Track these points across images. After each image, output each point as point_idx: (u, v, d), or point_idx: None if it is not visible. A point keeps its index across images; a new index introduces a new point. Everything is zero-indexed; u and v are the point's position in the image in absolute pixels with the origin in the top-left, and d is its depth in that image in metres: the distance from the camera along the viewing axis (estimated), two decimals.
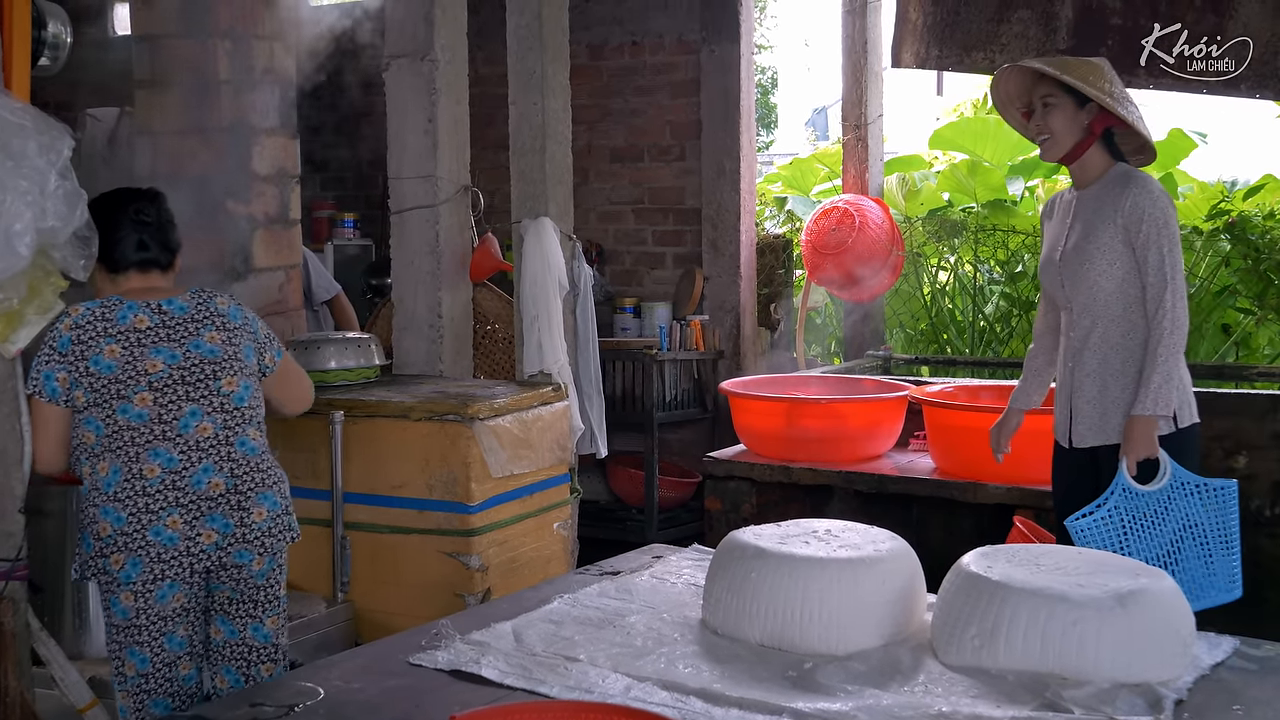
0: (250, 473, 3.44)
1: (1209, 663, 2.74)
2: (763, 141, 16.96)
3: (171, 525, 3.33)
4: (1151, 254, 3.97)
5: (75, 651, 3.91)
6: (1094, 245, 4.05)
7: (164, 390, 3.37)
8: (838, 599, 2.83)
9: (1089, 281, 4.07)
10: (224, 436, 3.41)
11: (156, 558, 3.32)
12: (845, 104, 7.55)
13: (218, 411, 3.41)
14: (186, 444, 3.37)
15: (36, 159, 3.23)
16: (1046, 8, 6.02)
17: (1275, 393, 5.57)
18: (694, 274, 7.55)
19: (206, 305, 3.50)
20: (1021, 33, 6.08)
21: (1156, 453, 3.96)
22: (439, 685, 2.69)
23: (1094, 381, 4.09)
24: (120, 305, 3.42)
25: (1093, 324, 4.10)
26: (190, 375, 3.40)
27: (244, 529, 3.41)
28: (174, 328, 3.43)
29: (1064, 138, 4.11)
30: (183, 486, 3.35)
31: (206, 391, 3.41)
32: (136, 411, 3.35)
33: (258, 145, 4.83)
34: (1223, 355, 7.19)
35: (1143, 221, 3.98)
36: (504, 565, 4.58)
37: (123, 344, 3.37)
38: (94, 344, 3.36)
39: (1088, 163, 4.14)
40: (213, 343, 3.45)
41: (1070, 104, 4.07)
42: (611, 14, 7.88)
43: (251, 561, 3.43)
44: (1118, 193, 4.04)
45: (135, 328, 3.40)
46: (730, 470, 5.59)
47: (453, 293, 5.32)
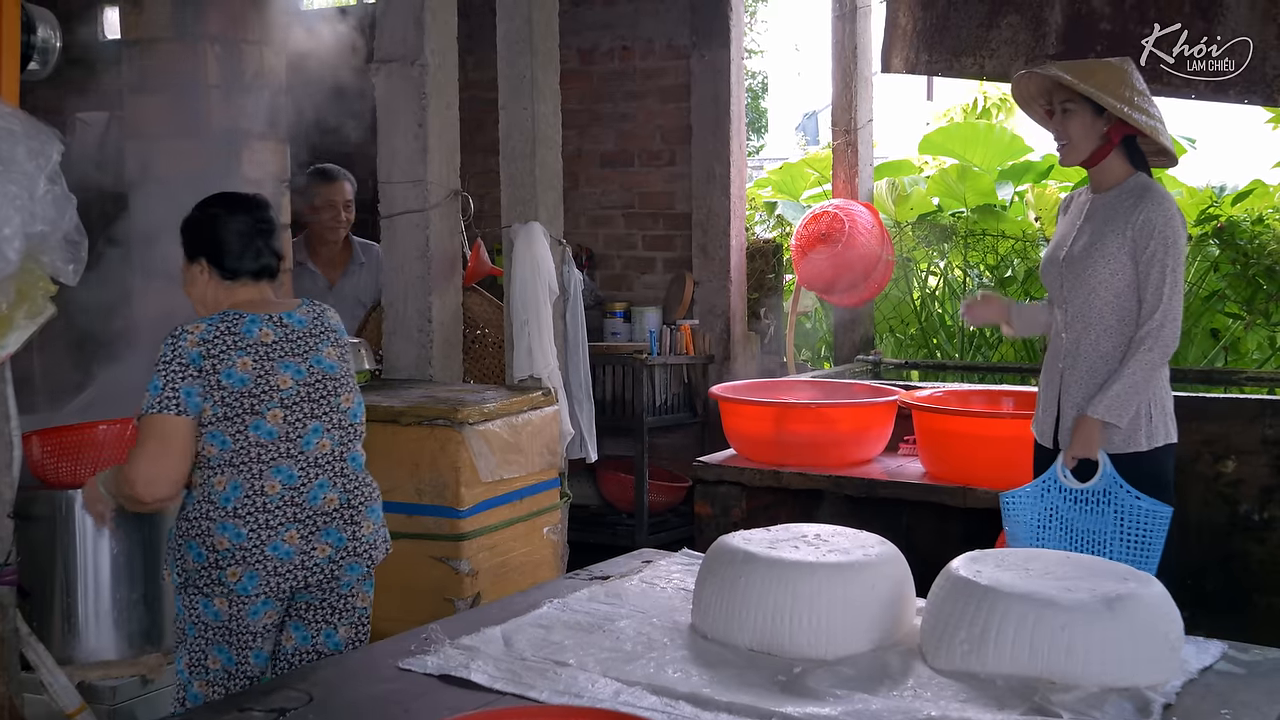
0: (359, 487, 3.45)
1: (1197, 667, 2.75)
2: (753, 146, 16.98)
3: (289, 540, 3.29)
4: (1154, 271, 3.97)
5: (64, 656, 3.90)
6: (1099, 252, 4.05)
7: (293, 407, 3.32)
8: (827, 603, 2.83)
9: (1088, 288, 4.07)
10: (339, 453, 3.40)
11: (273, 571, 3.28)
12: (835, 109, 7.55)
13: (336, 428, 3.40)
14: (307, 461, 3.33)
15: (26, 163, 3.23)
16: (1036, 13, 6.04)
17: (1264, 397, 5.58)
18: (684, 278, 7.55)
19: (322, 319, 3.47)
20: (1011, 38, 6.10)
21: (1095, 455, 3.99)
22: (428, 690, 2.69)
23: (1081, 389, 4.10)
24: (242, 319, 3.32)
25: (1085, 330, 4.10)
26: (314, 392, 3.37)
27: (355, 542, 3.41)
28: (296, 342, 3.37)
29: (1082, 144, 4.11)
30: (300, 503, 3.32)
31: (328, 408, 3.39)
32: (268, 429, 3.28)
33: (248, 150, 4.83)
34: (1211, 360, 7.20)
35: (1151, 238, 3.97)
36: (494, 570, 4.57)
37: (254, 357, 3.28)
38: (225, 357, 3.25)
39: (1106, 168, 4.13)
40: (330, 358, 3.43)
41: (1088, 111, 4.06)
42: (602, 19, 7.88)
43: (355, 575, 3.43)
44: (1132, 204, 4.03)
45: (262, 341, 3.31)
46: (720, 475, 5.59)
47: (442, 297, 5.32)
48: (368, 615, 3.55)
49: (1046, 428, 4.23)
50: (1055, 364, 4.20)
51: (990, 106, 9.71)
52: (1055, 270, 4.21)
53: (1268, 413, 5.21)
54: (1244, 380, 6.30)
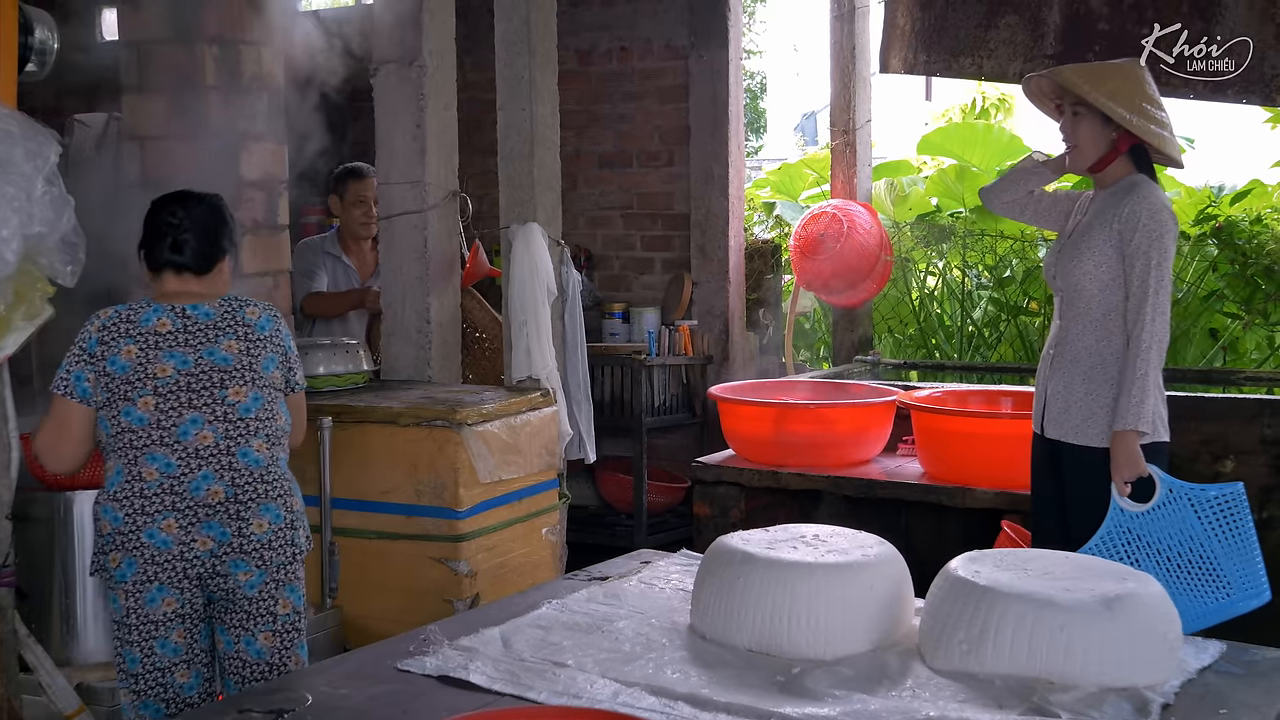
0: (252, 483, 3.42)
1: (1196, 667, 2.75)
2: (752, 146, 16.99)
3: (166, 529, 3.33)
4: (1139, 264, 3.97)
5: (62, 658, 3.91)
6: (1087, 245, 4.08)
7: (167, 396, 3.37)
8: (825, 604, 2.83)
9: (1074, 279, 4.11)
10: (225, 446, 3.40)
11: (150, 560, 3.33)
12: (834, 109, 7.56)
13: (220, 421, 3.40)
14: (185, 451, 3.36)
15: (23, 165, 3.24)
16: (1035, 13, 6.04)
17: (1262, 397, 5.58)
18: (683, 279, 7.55)
19: (234, 314, 3.50)
20: (1009, 38, 6.10)
21: (1143, 470, 3.93)
22: (427, 691, 2.68)
23: (1064, 377, 4.14)
24: (147, 308, 3.44)
25: (1072, 320, 4.14)
26: (196, 382, 3.40)
27: (241, 539, 3.39)
28: (193, 333, 3.43)
29: (1090, 151, 4.13)
30: (180, 492, 3.35)
31: (210, 400, 3.40)
32: (138, 415, 3.36)
33: (245, 151, 4.83)
34: (1210, 360, 7.21)
35: (1136, 231, 3.98)
36: (492, 571, 4.57)
37: (140, 345, 3.38)
38: (115, 344, 3.38)
39: (1110, 172, 4.16)
40: (228, 351, 3.44)
41: (1098, 118, 4.07)
42: (600, 20, 7.88)
43: (241, 572, 3.40)
44: (1120, 198, 4.06)
45: (156, 330, 3.41)
46: (719, 475, 5.58)
47: (441, 298, 5.32)
48: (292, 622, 3.51)
49: (1037, 414, 4.28)
50: (1047, 351, 4.27)
51: (989, 107, 9.72)
52: (1051, 260, 4.28)
53: (1266, 412, 5.20)
54: (1242, 380, 6.30)
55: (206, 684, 3.49)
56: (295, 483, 3.59)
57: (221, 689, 3.52)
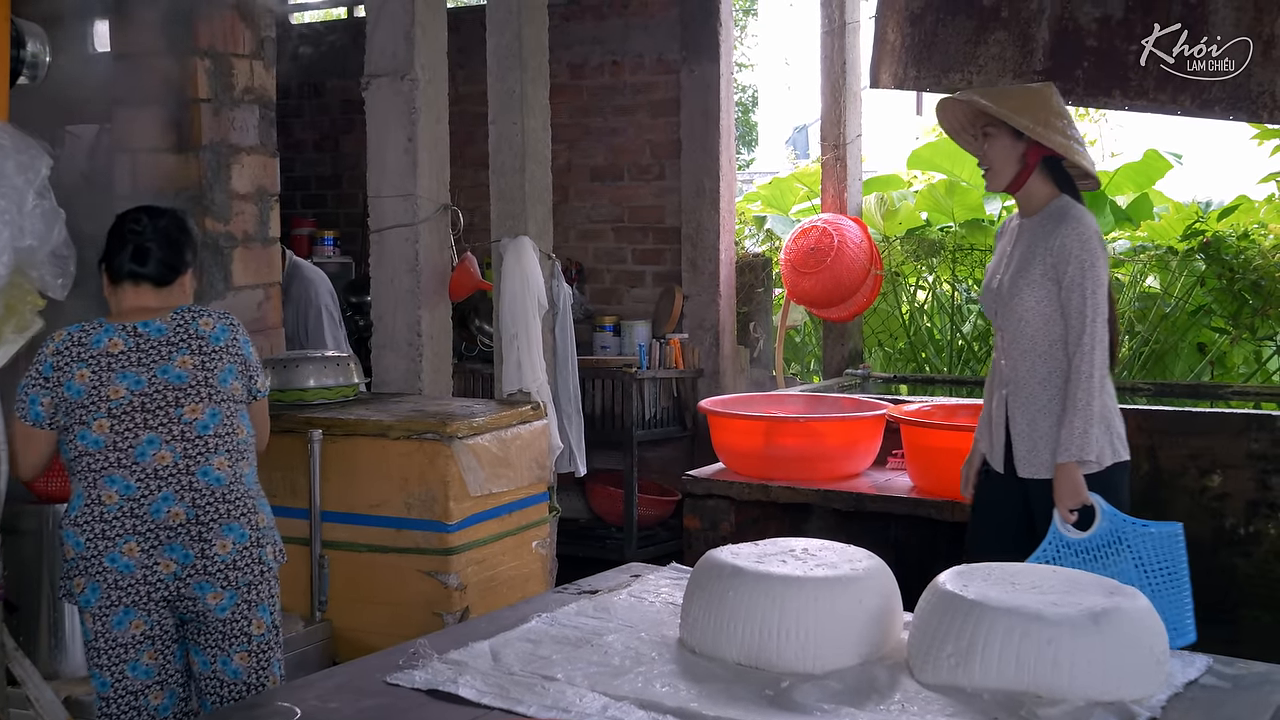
0: (214, 503, 3.36)
1: (1183, 680, 2.75)
2: (743, 160, 17.03)
3: (128, 552, 3.29)
4: (1075, 297, 3.98)
5: (51, 671, 3.90)
6: (1025, 280, 4.06)
7: (121, 417, 3.32)
8: (814, 618, 2.83)
9: (1017, 315, 4.09)
10: (184, 466, 3.34)
11: (114, 584, 3.29)
12: (824, 124, 7.58)
13: (177, 440, 3.34)
14: (144, 472, 3.32)
15: (14, 178, 3.24)
16: (1024, 30, 6.06)
17: (1249, 412, 5.60)
18: (673, 292, 7.56)
19: (187, 327, 3.43)
20: (999, 54, 6.12)
21: (1086, 499, 3.96)
22: (416, 705, 2.69)
23: (1024, 414, 4.11)
24: (99, 329, 3.39)
25: (1021, 356, 4.11)
26: (151, 402, 3.35)
27: (205, 560, 3.34)
28: (146, 351, 3.38)
29: (1003, 169, 4.12)
30: (140, 514, 3.30)
31: (166, 419, 3.35)
32: (94, 438, 3.31)
33: (237, 163, 4.84)
34: (1198, 374, 7.23)
35: (1069, 263, 3.98)
36: (482, 584, 4.57)
37: (93, 368, 3.34)
38: (69, 369, 3.34)
39: (1030, 192, 4.14)
40: (182, 368, 3.38)
41: (1007, 135, 4.08)
42: (592, 33, 7.90)
43: (209, 595, 3.35)
44: (1051, 229, 4.04)
45: (108, 352, 3.36)
46: (709, 489, 5.59)
47: (432, 311, 5.32)
48: (267, 642, 3.47)
49: (998, 454, 4.22)
50: (999, 390, 4.20)
51: None
52: (990, 297, 4.24)
53: (1253, 427, 5.22)
54: (1230, 394, 6.33)
55: (182, 703, 3.45)
56: (262, 498, 3.52)
57: (199, 708, 3.48)
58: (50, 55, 4.00)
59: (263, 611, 3.45)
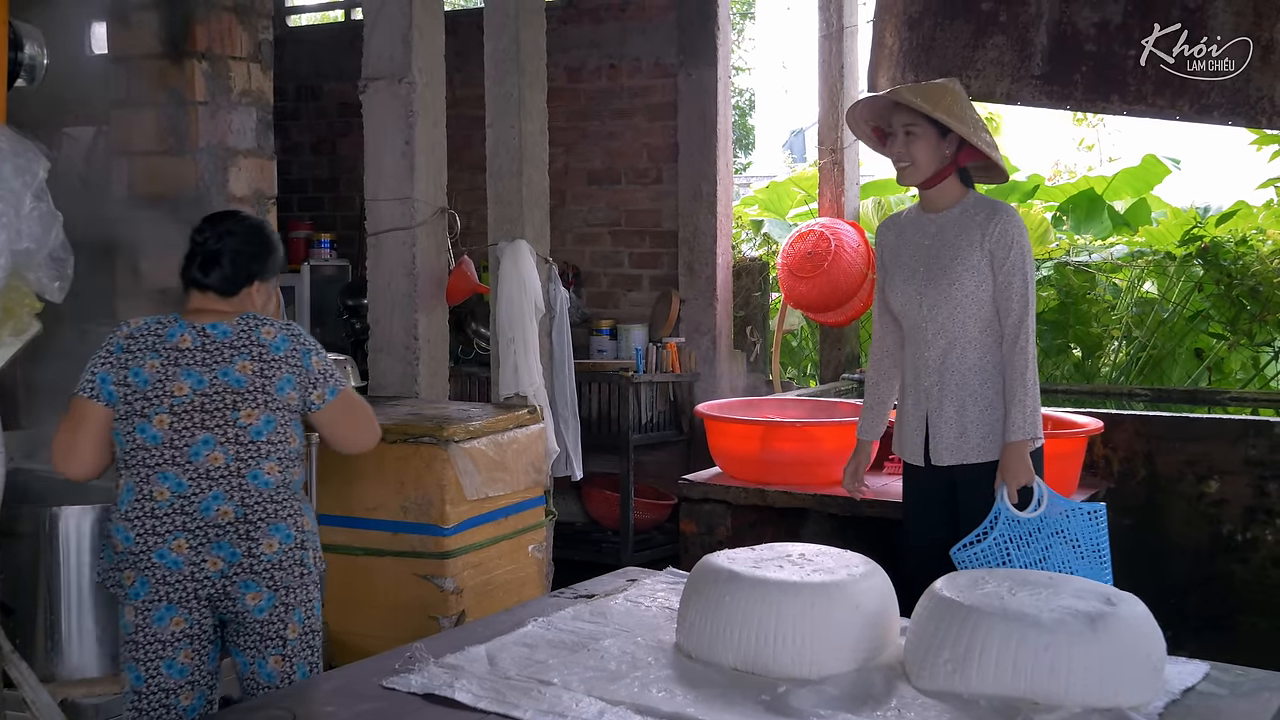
0: (262, 504, 3.38)
1: (1180, 687, 2.75)
2: (740, 163, 17.03)
3: (177, 549, 3.31)
4: (1016, 281, 4.08)
5: (47, 674, 3.88)
6: (962, 267, 4.12)
7: (181, 415, 3.34)
8: (811, 623, 2.83)
9: (953, 302, 4.14)
10: (235, 468, 3.36)
11: (161, 580, 3.31)
12: (821, 128, 7.59)
13: (231, 443, 3.36)
14: (196, 471, 3.33)
15: (12, 181, 3.24)
16: (1022, 34, 6.07)
17: (1247, 418, 5.61)
18: (670, 296, 7.56)
19: (250, 333, 3.44)
20: (997, 58, 6.12)
21: (1034, 479, 4.06)
22: (412, 709, 2.68)
23: (952, 402, 4.16)
24: (173, 323, 3.42)
25: (949, 345, 4.17)
26: (210, 403, 3.36)
27: (251, 559, 3.36)
28: (211, 352, 3.40)
29: (926, 166, 4.18)
30: (190, 512, 3.32)
31: (222, 421, 3.36)
32: (152, 433, 3.33)
33: (234, 166, 4.84)
34: (1195, 380, 7.24)
35: (1010, 249, 4.08)
36: (478, 588, 4.57)
37: (163, 360, 3.36)
38: (140, 356, 3.36)
39: (946, 187, 4.21)
40: (242, 372, 3.40)
41: (934, 134, 4.14)
42: (589, 37, 7.91)
43: (249, 595, 3.37)
44: (984, 219, 4.13)
45: (178, 346, 3.38)
46: (705, 493, 5.58)
47: (429, 315, 5.32)
48: (302, 645, 3.49)
49: (916, 447, 4.28)
50: (919, 383, 4.25)
51: None
52: (912, 291, 4.24)
53: (1251, 433, 5.23)
54: (1227, 400, 6.33)
55: (209, 706, 3.45)
56: (307, 503, 3.55)
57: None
58: (48, 58, 3.99)
59: (298, 616, 3.46)
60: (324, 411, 3.53)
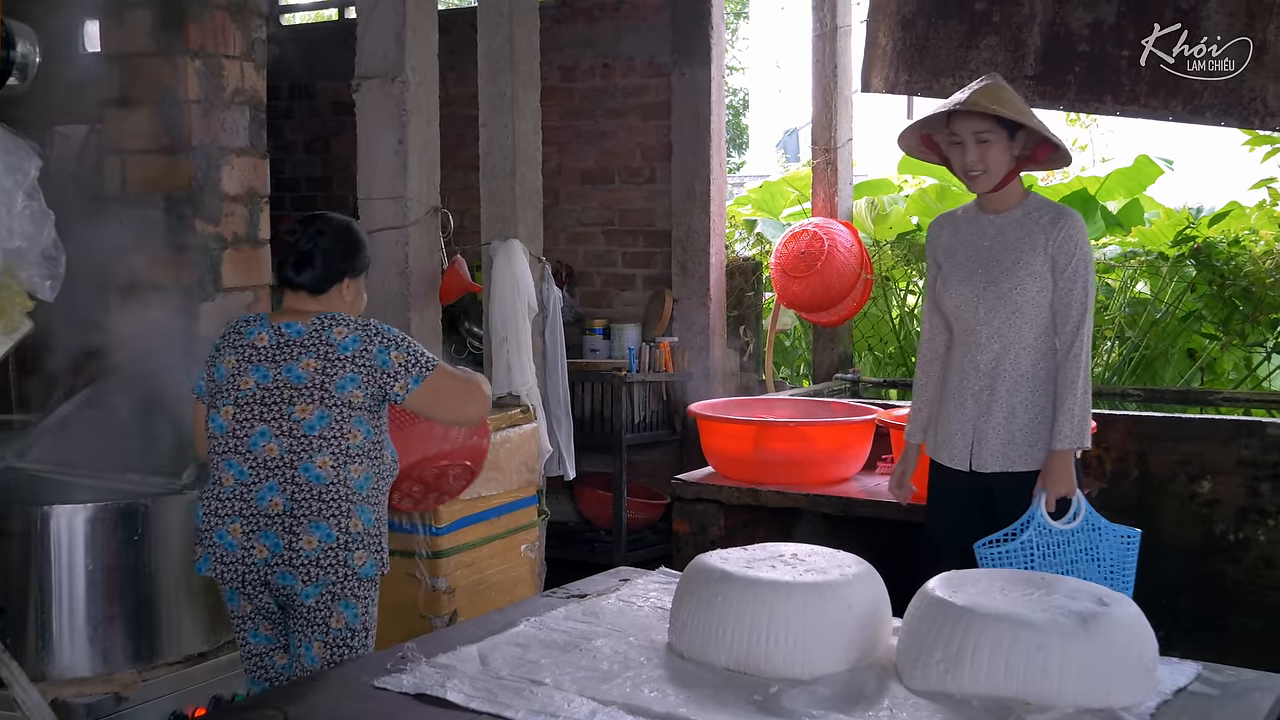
0: (310, 499, 3.45)
1: (1172, 687, 2.76)
2: (733, 163, 17.03)
3: (233, 533, 3.48)
4: (1077, 288, 4.02)
5: (38, 673, 3.88)
6: (1024, 271, 4.06)
7: (244, 407, 3.51)
8: (803, 623, 2.83)
9: (1012, 306, 4.08)
10: (289, 460, 3.47)
11: (220, 559, 3.51)
12: (815, 128, 7.59)
13: (285, 435, 3.47)
14: (255, 460, 3.48)
15: (3, 179, 3.23)
16: (1015, 35, 6.07)
17: (1239, 418, 5.61)
18: (663, 296, 7.56)
19: (322, 333, 3.53)
20: (990, 59, 6.12)
21: (1075, 488, 4.00)
22: (403, 709, 2.68)
23: (1003, 408, 4.10)
24: (256, 323, 3.60)
25: (1004, 350, 4.10)
26: (270, 396, 3.50)
27: (291, 552, 3.44)
28: (281, 350, 3.53)
29: (999, 171, 4.12)
30: (248, 499, 3.48)
31: (278, 415, 3.48)
32: (219, 423, 3.54)
33: (227, 165, 4.83)
34: (1188, 380, 7.24)
35: (1074, 255, 4.03)
36: (471, 587, 4.57)
37: (238, 357, 3.56)
38: (222, 353, 3.59)
39: (1011, 188, 4.17)
40: (305, 369, 3.50)
41: (1005, 137, 4.09)
42: (583, 36, 7.91)
43: (295, 585, 3.46)
44: (1048, 222, 4.08)
45: (254, 344, 3.56)
46: (698, 493, 5.58)
47: (422, 314, 5.31)
48: (344, 638, 3.51)
49: (960, 453, 4.20)
50: (966, 385, 4.18)
51: None
52: (969, 293, 4.17)
53: (1243, 433, 5.23)
54: (1220, 401, 6.34)
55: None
56: (366, 505, 3.53)
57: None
58: (40, 56, 3.98)
59: (345, 608, 3.51)
60: (413, 399, 3.60)
